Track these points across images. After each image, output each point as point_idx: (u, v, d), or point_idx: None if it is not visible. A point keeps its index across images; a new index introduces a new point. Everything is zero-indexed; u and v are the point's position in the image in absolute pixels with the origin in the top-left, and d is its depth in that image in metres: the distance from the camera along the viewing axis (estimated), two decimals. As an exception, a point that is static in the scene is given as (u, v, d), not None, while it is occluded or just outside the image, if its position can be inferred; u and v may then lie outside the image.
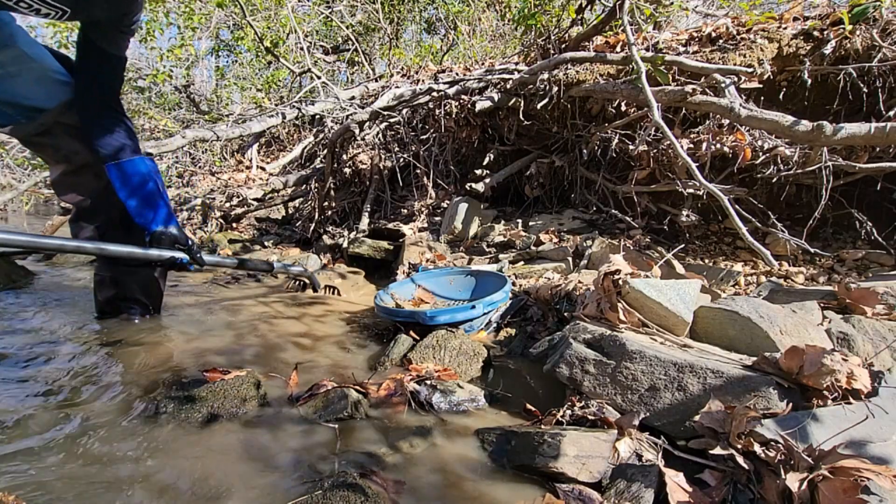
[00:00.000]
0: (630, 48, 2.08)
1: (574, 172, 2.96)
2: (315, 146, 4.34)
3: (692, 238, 2.51)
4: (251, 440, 1.04)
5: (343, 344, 1.69)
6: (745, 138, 2.18)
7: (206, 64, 7.85)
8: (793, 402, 0.95)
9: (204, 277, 2.69)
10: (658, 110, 1.95)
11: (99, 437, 1.02)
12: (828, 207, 2.08)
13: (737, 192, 2.23)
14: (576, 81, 2.62)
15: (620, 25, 2.45)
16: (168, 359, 1.44)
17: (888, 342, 1.23)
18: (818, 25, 2.24)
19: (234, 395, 1.16)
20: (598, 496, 0.87)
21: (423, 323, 1.63)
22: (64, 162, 1.57)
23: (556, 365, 1.23)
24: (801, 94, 2.28)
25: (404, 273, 2.44)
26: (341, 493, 0.81)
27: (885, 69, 2.05)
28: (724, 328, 1.25)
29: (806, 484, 0.77)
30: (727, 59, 2.28)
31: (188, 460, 0.96)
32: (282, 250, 3.30)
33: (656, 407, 1.05)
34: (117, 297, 1.73)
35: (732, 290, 1.86)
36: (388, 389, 1.27)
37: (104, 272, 1.72)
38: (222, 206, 4.09)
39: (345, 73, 7.14)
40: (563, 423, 1.09)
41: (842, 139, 1.75)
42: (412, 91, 3.06)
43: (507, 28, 5.53)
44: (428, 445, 1.06)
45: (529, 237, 2.59)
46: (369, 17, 6.48)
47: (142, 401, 1.18)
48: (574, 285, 1.78)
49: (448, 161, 3.39)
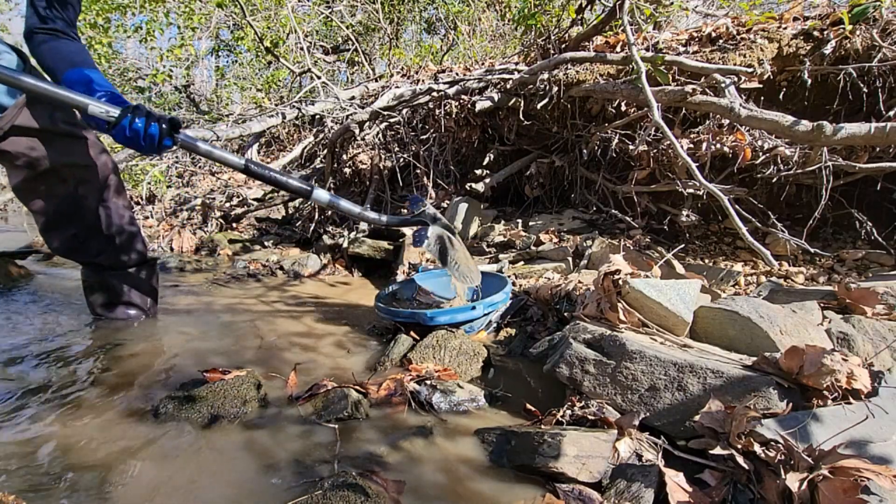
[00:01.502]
0: (630, 48, 2.08)
1: (574, 172, 2.96)
2: (315, 146, 4.34)
3: (692, 238, 2.51)
4: (251, 440, 1.04)
5: (343, 344, 1.69)
6: (745, 138, 2.18)
7: (206, 64, 7.85)
8: (793, 402, 0.95)
9: (204, 277, 2.69)
10: (658, 110, 1.95)
11: (99, 438, 1.02)
12: (828, 207, 2.08)
13: (737, 192, 2.23)
14: (576, 81, 2.62)
15: (620, 25, 2.45)
16: (168, 359, 1.44)
17: (888, 342, 1.23)
18: (818, 25, 2.24)
19: (234, 395, 1.16)
20: (598, 496, 0.87)
21: (424, 323, 1.63)
22: (28, 168, 1.44)
23: (556, 365, 1.23)
24: (801, 94, 2.28)
25: (404, 273, 2.44)
26: (341, 493, 0.81)
27: (885, 69, 2.05)
28: (724, 328, 1.25)
29: (806, 484, 0.77)
30: (727, 59, 2.28)
31: (188, 460, 0.96)
32: (282, 250, 3.30)
33: (656, 407, 1.05)
34: (112, 302, 1.71)
35: (732, 290, 1.86)
36: (388, 389, 1.27)
37: (91, 277, 1.68)
38: (222, 206, 4.09)
39: (345, 73, 7.14)
40: (563, 423, 1.09)
41: (842, 139, 1.75)
42: (412, 91, 3.06)
43: (507, 28, 5.53)
44: (428, 445, 1.06)
45: (529, 237, 2.59)
46: (369, 17, 6.48)
47: (142, 401, 1.18)
48: (574, 285, 1.78)
49: (448, 161, 3.39)
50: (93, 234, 1.57)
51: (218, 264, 3.10)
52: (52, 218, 1.53)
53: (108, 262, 1.63)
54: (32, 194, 1.49)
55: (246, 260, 3.06)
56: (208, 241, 3.55)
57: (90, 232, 1.56)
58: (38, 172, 1.45)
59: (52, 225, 1.54)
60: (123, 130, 1.17)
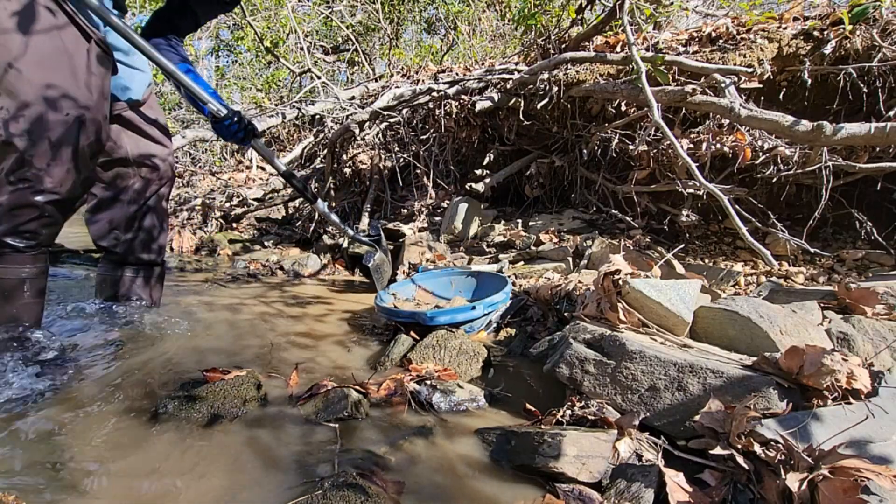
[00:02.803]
0: (630, 48, 2.08)
1: (574, 172, 2.96)
2: (315, 146, 4.34)
3: (692, 238, 2.51)
4: (251, 440, 1.04)
5: (343, 344, 1.69)
6: (745, 138, 2.18)
7: (206, 64, 7.86)
8: (793, 402, 0.95)
9: (204, 277, 2.69)
10: (658, 110, 1.95)
11: (98, 437, 1.02)
12: (828, 207, 2.08)
13: (737, 192, 2.23)
14: (576, 81, 2.62)
15: (620, 25, 2.45)
16: (168, 359, 1.44)
17: (888, 342, 1.23)
18: (818, 25, 2.24)
19: (234, 395, 1.16)
20: (598, 496, 0.87)
21: (424, 323, 1.63)
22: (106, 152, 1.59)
23: (556, 365, 1.23)
24: (801, 94, 2.28)
25: (404, 273, 2.44)
26: (341, 493, 0.81)
27: (885, 69, 2.05)
28: (724, 328, 1.25)
29: (806, 484, 0.77)
30: (727, 59, 2.28)
31: (188, 460, 0.96)
32: (282, 250, 3.30)
33: (656, 407, 1.05)
34: (117, 297, 1.74)
35: (732, 290, 1.86)
36: (389, 389, 1.27)
37: (106, 269, 1.74)
38: (222, 206, 4.09)
39: (345, 73, 7.14)
40: (563, 423, 1.09)
41: (842, 139, 1.75)
42: (412, 91, 3.06)
43: (507, 28, 5.53)
44: (428, 445, 1.06)
45: (529, 237, 2.59)
46: (369, 17, 6.48)
47: (142, 400, 1.18)
48: (574, 285, 1.78)
49: (448, 161, 3.39)
50: (129, 227, 1.67)
51: (218, 264, 3.10)
52: (102, 202, 1.65)
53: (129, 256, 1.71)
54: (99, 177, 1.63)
55: (246, 260, 3.06)
56: (208, 241, 3.55)
57: (128, 224, 1.67)
58: (111, 159, 1.59)
59: (99, 207, 1.65)
60: (223, 125, 1.62)
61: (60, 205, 1.30)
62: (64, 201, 1.30)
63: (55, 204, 1.29)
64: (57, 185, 1.26)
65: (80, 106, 1.26)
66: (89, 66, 1.29)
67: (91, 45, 1.29)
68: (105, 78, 1.35)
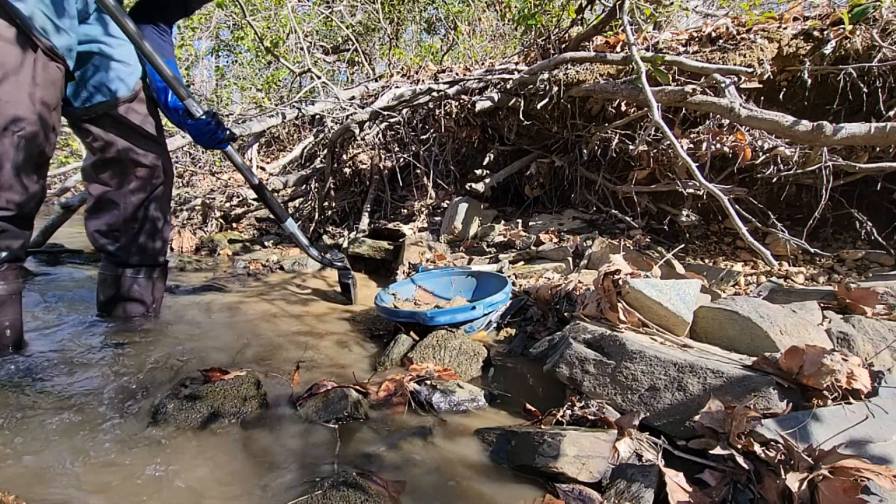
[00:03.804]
0: (630, 48, 2.08)
1: (574, 172, 2.96)
2: (315, 146, 4.33)
3: (692, 238, 2.51)
4: (251, 440, 1.04)
5: (343, 344, 1.69)
6: (745, 138, 2.17)
7: (206, 64, 7.86)
8: (793, 402, 0.95)
9: (204, 277, 2.69)
10: (658, 110, 1.95)
11: (98, 437, 1.02)
12: (828, 207, 2.08)
13: (737, 192, 2.23)
14: (576, 81, 2.62)
15: (620, 25, 2.45)
16: (168, 359, 1.44)
17: (888, 342, 1.23)
18: (818, 25, 2.24)
19: (234, 395, 1.16)
20: (598, 496, 0.87)
21: (424, 323, 1.63)
22: (99, 152, 1.59)
23: (556, 365, 1.23)
24: (801, 94, 2.27)
25: (404, 273, 2.43)
26: (341, 493, 0.81)
27: (885, 69, 2.05)
28: (724, 328, 1.25)
29: (806, 484, 0.77)
30: (727, 59, 2.28)
31: (188, 460, 0.96)
32: (282, 250, 3.30)
33: (656, 407, 1.05)
34: (118, 297, 1.74)
35: (732, 290, 1.86)
36: (388, 389, 1.27)
37: (107, 271, 1.73)
38: (222, 206, 4.09)
39: (345, 73, 7.14)
40: (563, 423, 1.09)
41: (842, 139, 1.75)
42: (412, 91, 3.06)
43: (507, 28, 5.53)
44: (428, 445, 1.06)
45: (529, 237, 2.59)
46: (369, 17, 6.48)
47: (141, 400, 1.18)
48: (574, 285, 1.78)
49: (448, 161, 3.39)
50: (128, 228, 1.67)
51: (218, 264, 3.10)
52: (100, 203, 1.65)
53: (129, 257, 1.70)
54: (94, 178, 1.63)
55: (246, 260, 3.06)
56: (208, 241, 3.55)
57: (126, 225, 1.66)
58: (105, 159, 1.59)
59: (98, 209, 1.66)
60: (200, 126, 1.58)
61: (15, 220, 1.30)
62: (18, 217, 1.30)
63: (9, 220, 1.28)
64: (3, 203, 1.25)
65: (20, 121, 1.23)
66: (35, 77, 1.24)
67: (38, 55, 1.25)
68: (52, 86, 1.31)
